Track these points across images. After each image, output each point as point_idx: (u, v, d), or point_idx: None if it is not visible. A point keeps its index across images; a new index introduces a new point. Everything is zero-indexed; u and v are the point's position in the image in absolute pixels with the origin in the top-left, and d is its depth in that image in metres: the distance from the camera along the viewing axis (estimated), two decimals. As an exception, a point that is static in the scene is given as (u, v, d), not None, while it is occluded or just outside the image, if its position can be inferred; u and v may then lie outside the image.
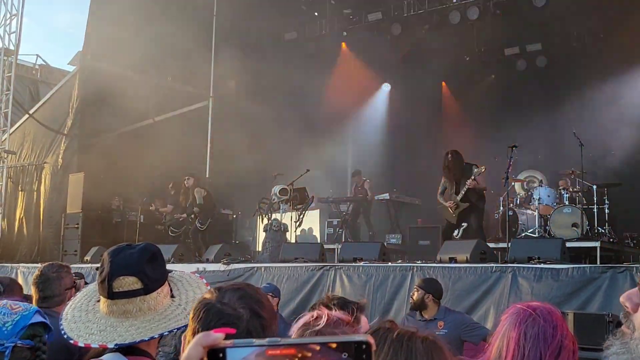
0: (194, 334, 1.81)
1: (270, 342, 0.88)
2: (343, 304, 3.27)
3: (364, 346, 0.87)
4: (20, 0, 15.77)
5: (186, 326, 2.08)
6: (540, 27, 16.32)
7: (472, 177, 10.66)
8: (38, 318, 2.45)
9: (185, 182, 13.86)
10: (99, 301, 2.27)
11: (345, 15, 18.27)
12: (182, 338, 1.88)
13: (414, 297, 6.64)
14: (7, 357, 2.33)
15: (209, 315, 1.80)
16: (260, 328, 1.78)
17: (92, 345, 2.11)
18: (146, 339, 2.10)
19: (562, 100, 16.03)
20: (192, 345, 0.91)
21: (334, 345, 0.87)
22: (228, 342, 0.89)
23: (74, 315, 2.26)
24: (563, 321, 2.34)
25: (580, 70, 16.17)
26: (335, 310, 1.96)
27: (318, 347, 0.87)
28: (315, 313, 1.88)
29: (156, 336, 2.12)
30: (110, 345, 2.10)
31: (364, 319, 2.63)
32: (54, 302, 3.90)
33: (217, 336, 0.90)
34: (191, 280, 2.36)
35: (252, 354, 0.87)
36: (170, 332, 2.15)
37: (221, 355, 0.88)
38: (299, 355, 0.86)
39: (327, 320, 1.83)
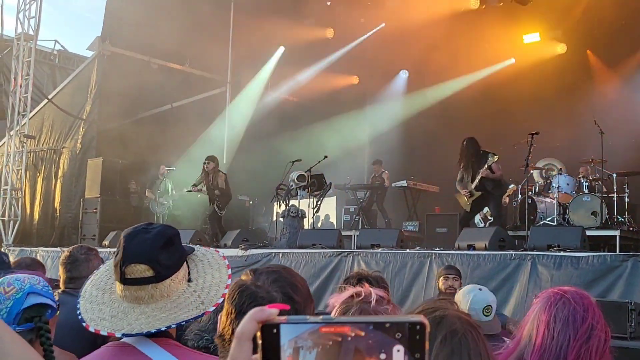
0: (227, 314, 1.85)
1: (325, 319, 0.88)
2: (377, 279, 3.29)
3: (418, 327, 0.86)
4: (39, -15, 15.82)
5: (198, 317, 2.13)
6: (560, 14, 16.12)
7: (486, 166, 10.60)
8: (31, 301, 2.40)
9: (206, 166, 13.74)
10: None
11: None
12: (219, 318, 1.90)
13: (456, 287, 6.17)
14: None
15: (242, 297, 1.83)
16: (294, 312, 1.78)
17: (102, 333, 2.10)
18: (152, 331, 2.07)
19: (582, 87, 15.83)
20: (246, 320, 0.91)
21: (388, 325, 0.87)
22: (282, 318, 0.89)
23: (91, 294, 2.25)
24: (596, 307, 2.32)
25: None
26: (375, 288, 1.96)
27: (371, 327, 0.87)
28: (356, 290, 1.88)
29: (163, 329, 2.09)
30: (118, 335, 2.09)
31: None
32: (81, 284, 3.87)
33: (271, 312, 0.90)
34: (212, 261, 2.31)
35: (306, 332, 0.87)
36: (178, 324, 2.11)
37: (275, 331, 0.88)
38: (352, 334, 0.86)
39: (372, 298, 1.84)
